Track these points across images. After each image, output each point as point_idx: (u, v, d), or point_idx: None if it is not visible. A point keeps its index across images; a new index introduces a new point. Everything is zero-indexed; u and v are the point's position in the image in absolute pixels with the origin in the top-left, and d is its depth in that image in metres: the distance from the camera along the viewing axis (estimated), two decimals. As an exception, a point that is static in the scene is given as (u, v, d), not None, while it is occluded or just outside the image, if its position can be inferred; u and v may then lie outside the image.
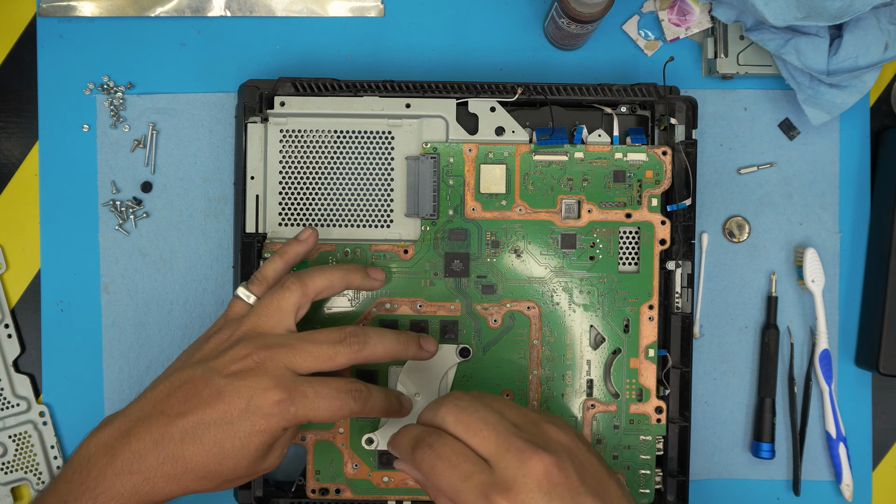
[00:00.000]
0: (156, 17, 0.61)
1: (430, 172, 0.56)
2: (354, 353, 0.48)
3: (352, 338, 0.48)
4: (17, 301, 0.61)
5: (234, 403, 0.45)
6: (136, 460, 0.45)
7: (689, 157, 0.56)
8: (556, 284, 0.56)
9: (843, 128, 0.61)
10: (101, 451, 0.45)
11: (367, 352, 0.48)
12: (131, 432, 0.46)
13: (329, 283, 0.50)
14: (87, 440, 0.46)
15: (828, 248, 0.61)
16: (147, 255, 0.61)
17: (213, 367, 0.46)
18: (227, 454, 0.45)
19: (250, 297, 0.50)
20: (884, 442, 0.62)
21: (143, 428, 0.46)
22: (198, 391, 0.46)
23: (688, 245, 0.56)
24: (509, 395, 0.56)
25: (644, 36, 0.61)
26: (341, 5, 0.61)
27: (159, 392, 0.47)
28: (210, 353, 0.48)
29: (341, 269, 0.51)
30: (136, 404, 0.47)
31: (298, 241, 0.52)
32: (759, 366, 0.61)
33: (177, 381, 0.47)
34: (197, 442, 0.45)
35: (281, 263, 0.52)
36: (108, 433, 0.46)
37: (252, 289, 0.51)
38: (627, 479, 0.56)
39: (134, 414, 0.47)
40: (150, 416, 0.46)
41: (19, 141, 0.61)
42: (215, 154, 0.61)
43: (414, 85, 0.56)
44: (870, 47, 0.55)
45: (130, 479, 0.45)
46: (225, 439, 0.45)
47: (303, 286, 0.49)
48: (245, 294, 0.50)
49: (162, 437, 0.45)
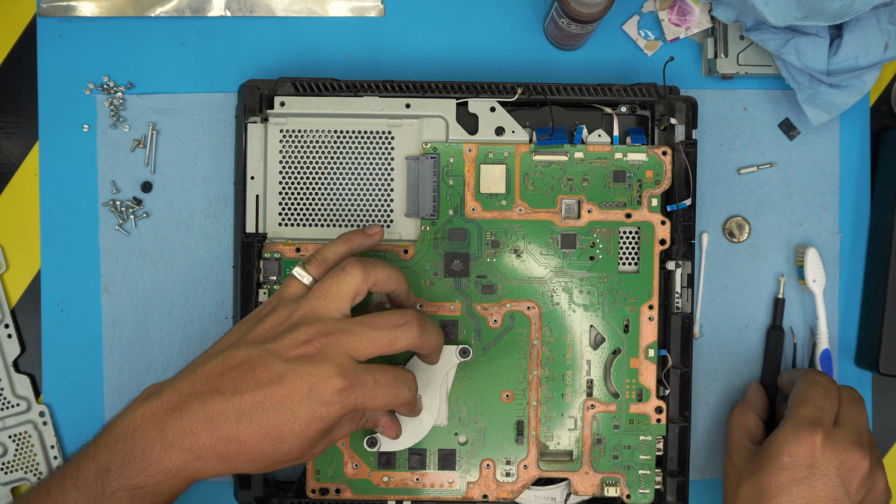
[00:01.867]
0: (156, 17, 0.61)
1: (430, 172, 0.56)
2: (415, 337, 0.48)
3: (414, 322, 0.48)
4: (17, 301, 0.61)
5: (295, 389, 0.45)
6: (188, 437, 0.44)
7: (689, 157, 0.56)
8: (556, 284, 0.56)
9: (843, 128, 0.61)
10: (148, 422, 0.45)
11: (425, 338, 0.48)
12: (183, 407, 0.44)
13: (387, 278, 0.49)
14: (132, 409, 0.45)
15: (828, 248, 0.61)
16: (147, 255, 0.61)
17: (272, 350, 0.46)
18: (284, 439, 0.45)
19: (306, 276, 0.49)
20: (884, 442, 0.62)
21: (197, 404, 0.44)
22: (255, 373, 0.45)
23: (688, 245, 0.56)
24: (510, 396, 0.56)
25: (644, 36, 0.61)
26: (341, 5, 0.61)
27: (211, 368, 0.46)
28: (267, 334, 0.47)
29: (400, 274, 0.50)
30: (185, 379, 0.46)
31: (366, 235, 0.51)
32: (763, 367, 0.61)
33: (231, 359, 0.46)
34: (254, 424, 0.44)
35: (344, 249, 0.50)
36: (156, 405, 0.45)
37: (310, 269, 0.49)
38: (627, 479, 0.56)
39: (183, 389, 0.45)
40: (204, 393, 0.45)
41: (19, 141, 0.61)
42: (215, 154, 0.61)
43: (414, 85, 0.56)
44: (870, 47, 0.55)
45: (180, 455, 0.44)
46: (283, 424, 0.45)
47: (365, 273, 0.48)
48: (301, 274, 0.49)
49: (217, 416, 0.44)
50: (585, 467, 0.56)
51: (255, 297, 0.55)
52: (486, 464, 0.56)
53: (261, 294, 0.56)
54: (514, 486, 0.56)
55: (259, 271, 0.56)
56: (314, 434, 0.46)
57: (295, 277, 0.49)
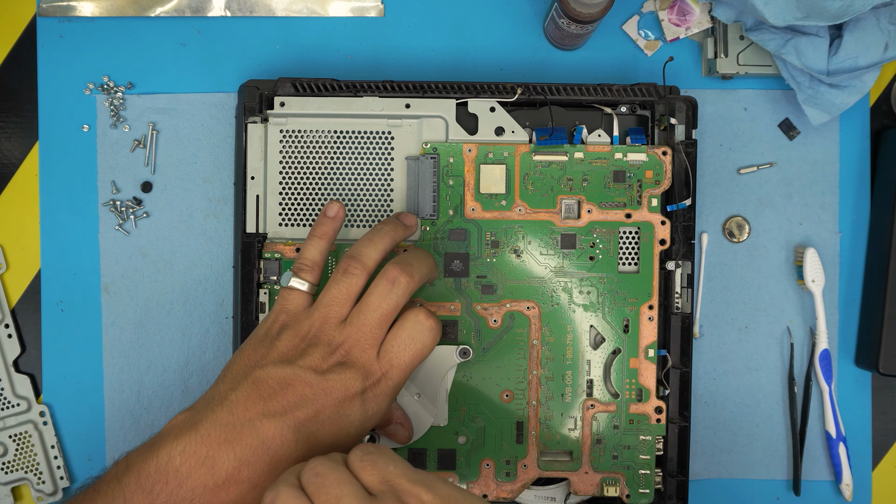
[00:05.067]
0: (156, 17, 0.61)
1: (429, 172, 0.56)
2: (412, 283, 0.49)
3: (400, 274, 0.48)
4: (17, 301, 0.61)
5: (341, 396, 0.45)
6: (245, 468, 0.43)
7: (689, 157, 0.56)
8: (555, 284, 0.56)
9: (843, 128, 0.61)
10: (193, 462, 0.42)
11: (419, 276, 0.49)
12: (232, 439, 0.43)
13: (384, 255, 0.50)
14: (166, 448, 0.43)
15: (828, 248, 0.61)
16: (147, 255, 0.61)
17: (305, 366, 0.46)
18: (342, 446, 0.46)
19: (305, 284, 0.49)
20: (884, 442, 0.62)
21: (248, 432, 0.43)
22: (298, 389, 0.45)
23: (688, 245, 0.56)
24: (509, 395, 0.56)
25: (644, 36, 0.61)
26: (341, 5, 0.61)
27: (246, 394, 0.44)
28: (290, 352, 0.47)
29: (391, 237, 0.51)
30: (220, 409, 0.44)
31: (329, 218, 0.51)
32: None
33: (266, 381, 0.45)
34: (311, 439, 0.44)
35: (325, 244, 0.51)
36: (197, 442, 0.43)
37: (305, 276, 0.49)
38: (627, 479, 0.56)
39: (223, 419, 0.43)
40: (252, 420, 0.43)
41: (19, 141, 0.61)
42: (215, 154, 0.61)
43: (414, 85, 0.56)
44: (870, 47, 0.55)
45: (238, 488, 0.43)
46: (340, 431, 0.45)
47: (364, 267, 0.49)
48: (300, 284, 0.49)
49: (272, 440, 0.43)
50: (585, 467, 0.56)
51: (256, 297, 0.55)
52: (485, 464, 0.56)
53: (261, 294, 0.56)
54: (514, 486, 0.56)
55: (259, 271, 0.56)
56: (367, 431, 0.47)
57: (295, 288, 0.49)
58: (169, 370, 0.61)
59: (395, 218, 0.52)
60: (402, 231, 0.52)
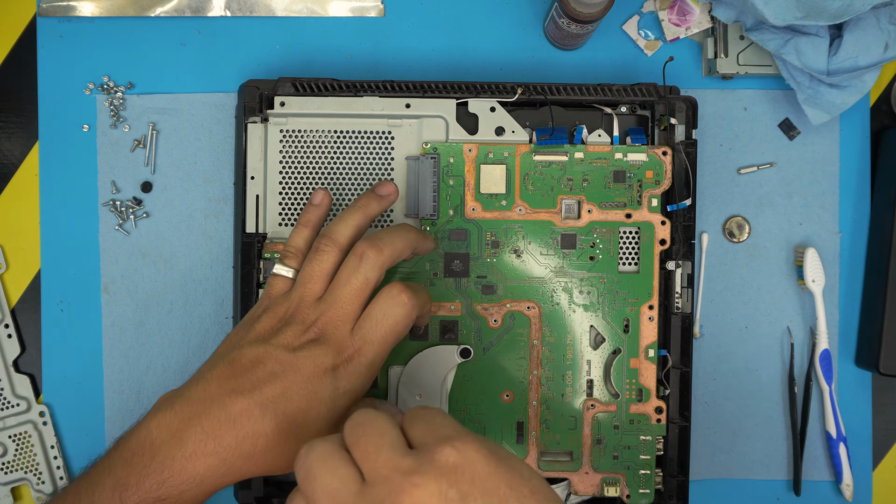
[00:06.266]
0: (156, 17, 0.61)
1: (430, 172, 0.56)
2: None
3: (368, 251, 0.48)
4: (17, 301, 0.61)
5: (311, 372, 0.45)
6: (211, 441, 0.44)
7: (689, 157, 0.56)
8: (556, 284, 0.56)
9: (843, 128, 0.61)
10: (165, 433, 0.44)
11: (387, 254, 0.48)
12: (201, 413, 0.44)
13: (357, 231, 0.50)
14: (146, 422, 0.45)
15: (828, 248, 0.61)
16: (147, 255, 0.61)
17: (278, 344, 0.46)
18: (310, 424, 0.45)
19: (289, 271, 0.50)
20: (884, 442, 0.62)
21: (216, 407, 0.44)
22: (268, 367, 0.45)
23: (688, 245, 0.56)
24: (510, 396, 0.56)
25: (644, 36, 0.61)
26: (341, 5, 0.61)
27: (220, 372, 0.46)
28: (267, 332, 0.48)
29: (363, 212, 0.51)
30: (196, 386, 0.46)
31: (314, 206, 0.52)
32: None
33: (239, 360, 0.46)
34: (279, 416, 0.44)
35: (309, 232, 0.51)
36: (171, 416, 0.45)
37: (289, 263, 0.50)
38: (627, 479, 0.56)
39: (197, 396, 0.45)
40: (222, 395, 0.45)
41: (19, 141, 0.61)
42: (215, 154, 0.61)
43: (414, 85, 0.56)
44: (870, 47, 0.55)
45: (204, 461, 0.44)
46: (309, 408, 0.45)
47: (335, 243, 0.49)
48: (284, 270, 0.50)
49: (240, 415, 0.44)
50: (585, 467, 0.56)
51: (256, 297, 0.55)
52: (486, 464, 0.56)
53: (261, 294, 0.56)
54: (514, 486, 0.56)
55: (259, 271, 0.56)
56: (340, 408, 0.46)
57: (278, 274, 0.50)
58: (169, 370, 0.61)
59: (371, 190, 0.52)
60: (377, 203, 0.51)
